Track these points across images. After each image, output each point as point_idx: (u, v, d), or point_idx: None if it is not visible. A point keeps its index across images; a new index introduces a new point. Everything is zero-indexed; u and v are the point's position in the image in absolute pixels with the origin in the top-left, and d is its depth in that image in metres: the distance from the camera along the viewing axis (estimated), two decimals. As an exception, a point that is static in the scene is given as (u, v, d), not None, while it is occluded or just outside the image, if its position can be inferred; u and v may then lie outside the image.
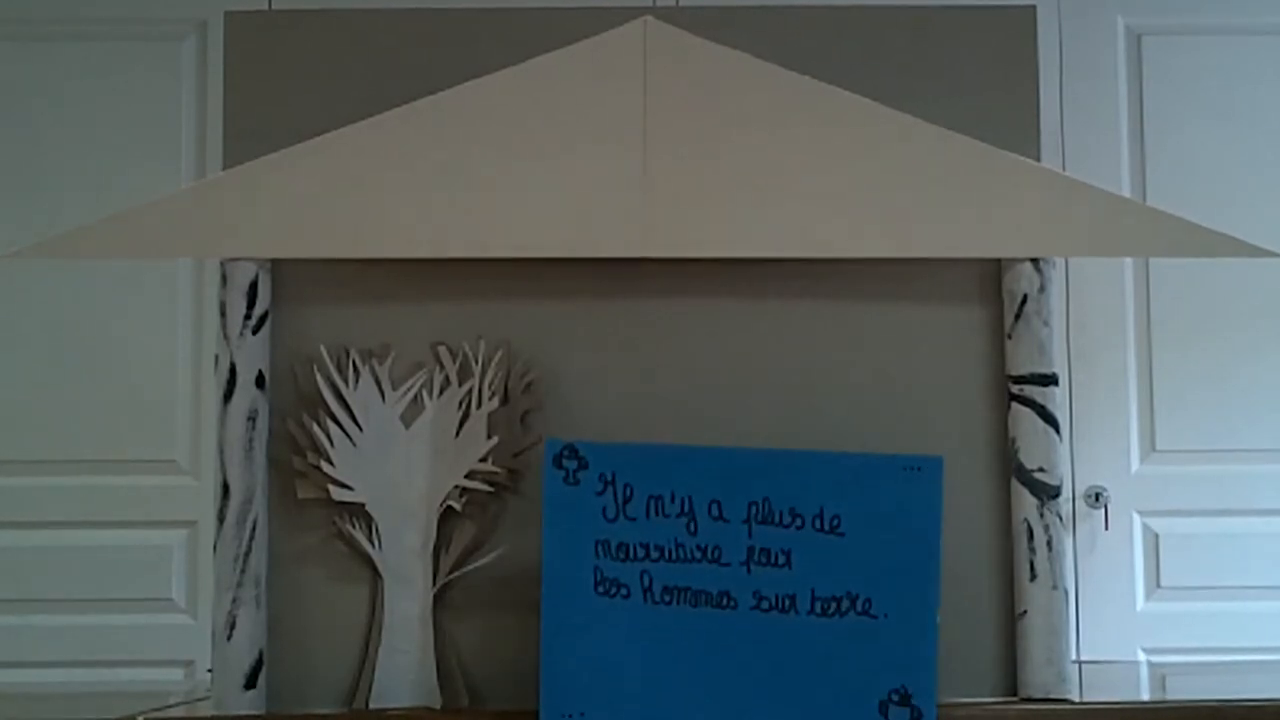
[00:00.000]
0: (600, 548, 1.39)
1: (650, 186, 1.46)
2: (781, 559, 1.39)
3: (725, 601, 1.39)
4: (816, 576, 1.38)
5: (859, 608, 1.38)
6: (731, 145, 1.47)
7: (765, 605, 1.38)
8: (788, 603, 1.38)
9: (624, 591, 1.38)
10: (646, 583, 1.39)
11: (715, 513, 1.40)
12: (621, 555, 1.39)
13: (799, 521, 1.39)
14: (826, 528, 1.39)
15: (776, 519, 1.39)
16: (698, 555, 1.39)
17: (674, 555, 1.39)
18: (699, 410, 1.51)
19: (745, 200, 1.47)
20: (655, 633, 1.38)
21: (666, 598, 1.39)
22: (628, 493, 1.39)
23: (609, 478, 1.40)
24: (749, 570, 1.39)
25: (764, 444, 1.46)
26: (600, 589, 1.38)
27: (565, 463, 1.40)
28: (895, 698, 1.37)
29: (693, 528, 1.39)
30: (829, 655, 1.38)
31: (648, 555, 1.39)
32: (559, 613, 1.38)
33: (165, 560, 2.92)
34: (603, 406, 1.51)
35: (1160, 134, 3.02)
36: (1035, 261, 1.50)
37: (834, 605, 1.38)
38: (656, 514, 1.39)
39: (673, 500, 1.40)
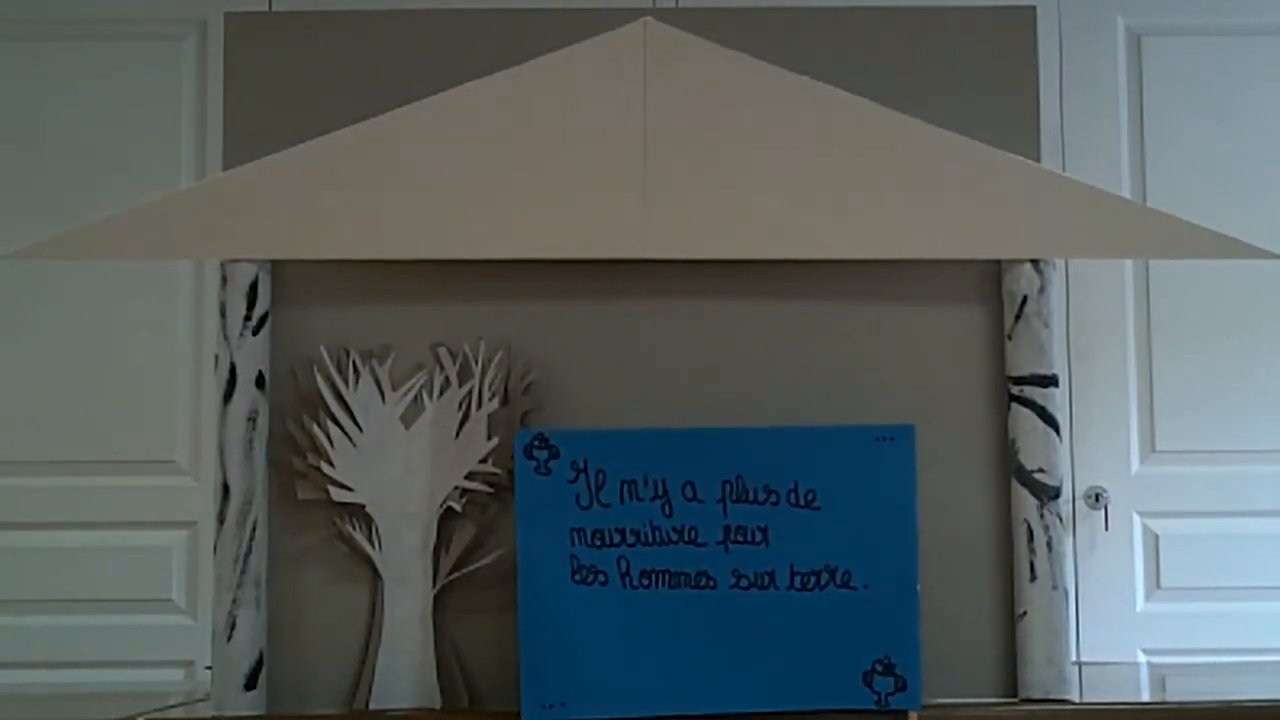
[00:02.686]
0: (576, 536, 1.38)
1: (650, 187, 1.46)
2: (758, 536, 1.39)
3: (704, 581, 1.38)
4: (794, 551, 1.39)
5: (839, 580, 1.38)
6: (731, 146, 1.47)
7: (744, 583, 1.38)
8: (767, 579, 1.38)
9: (601, 578, 1.38)
10: (624, 568, 1.38)
11: (690, 494, 1.39)
12: (598, 542, 1.38)
13: (774, 498, 1.39)
14: (802, 502, 1.39)
15: (751, 496, 1.39)
16: (674, 537, 1.39)
17: (650, 539, 1.39)
18: (699, 411, 1.51)
19: (745, 201, 1.47)
20: (635, 617, 1.38)
21: (645, 581, 1.38)
22: (600, 479, 1.39)
23: (581, 465, 1.39)
24: (726, 549, 1.39)
25: (764, 444, 1.46)
26: (577, 577, 1.38)
27: (536, 453, 1.39)
28: (879, 668, 1.37)
29: (668, 510, 1.39)
30: (811, 629, 1.38)
31: (624, 540, 1.38)
32: (537, 603, 1.37)
33: (165, 560, 2.92)
34: (603, 407, 1.51)
35: (1160, 134, 3.02)
36: (1035, 262, 1.49)
37: (813, 579, 1.38)
38: (631, 498, 1.39)
39: (646, 484, 1.39)
